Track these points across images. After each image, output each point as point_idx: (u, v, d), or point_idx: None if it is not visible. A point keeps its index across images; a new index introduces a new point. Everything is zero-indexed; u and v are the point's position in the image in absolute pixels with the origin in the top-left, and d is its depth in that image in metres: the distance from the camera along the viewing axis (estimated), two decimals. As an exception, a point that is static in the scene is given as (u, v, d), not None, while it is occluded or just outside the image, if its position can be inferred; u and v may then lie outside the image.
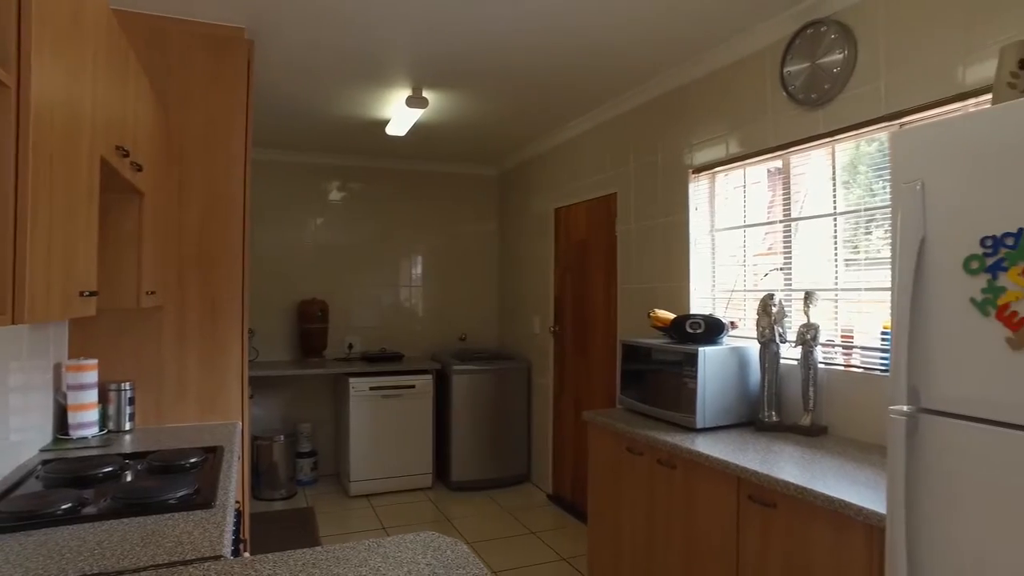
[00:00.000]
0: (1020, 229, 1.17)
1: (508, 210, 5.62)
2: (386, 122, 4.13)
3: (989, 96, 1.76)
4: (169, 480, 1.75)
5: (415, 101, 3.47)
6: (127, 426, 2.43)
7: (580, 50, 3.01)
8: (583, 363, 4.26)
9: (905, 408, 1.37)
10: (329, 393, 5.20)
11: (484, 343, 5.75)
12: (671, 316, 2.96)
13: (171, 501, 1.62)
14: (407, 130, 4.12)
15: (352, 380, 4.58)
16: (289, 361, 5.02)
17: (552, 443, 4.67)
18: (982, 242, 1.24)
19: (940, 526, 1.32)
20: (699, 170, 3.20)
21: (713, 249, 3.20)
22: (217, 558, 1.29)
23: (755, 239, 2.97)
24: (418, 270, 5.56)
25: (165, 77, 2.55)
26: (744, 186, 3.00)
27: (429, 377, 4.82)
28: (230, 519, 1.54)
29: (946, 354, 1.31)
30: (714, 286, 3.19)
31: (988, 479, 1.23)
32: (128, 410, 2.44)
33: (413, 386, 4.75)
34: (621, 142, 3.84)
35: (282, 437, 4.59)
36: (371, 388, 4.62)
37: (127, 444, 2.26)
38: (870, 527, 1.60)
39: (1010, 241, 1.18)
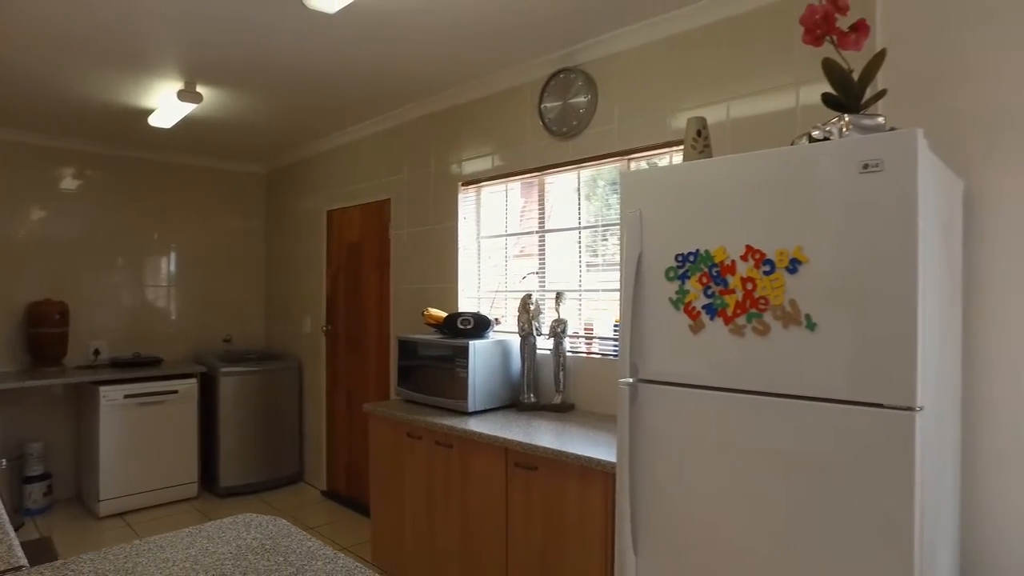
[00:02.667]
0: (696, 250, 1.68)
1: (276, 210, 5.51)
2: (149, 111, 3.84)
3: (684, 146, 2.35)
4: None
5: (188, 96, 3.32)
6: None
7: (362, 63, 3.18)
8: (357, 360, 4.42)
9: (629, 380, 1.84)
10: (69, 406, 4.62)
11: (251, 344, 5.56)
12: (443, 314, 3.29)
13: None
14: (174, 123, 3.88)
15: (103, 389, 4.16)
16: (14, 372, 4.37)
17: (326, 440, 4.74)
18: (676, 258, 1.74)
19: (652, 466, 1.80)
20: (468, 182, 3.57)
21: (479, 254, 3.60)
22: (19, 568, 1.26)
23: (515, 245, 3.43)
24: (174, 269, 5.19)
25: None
26: (506, 194, 3.44)
27: (193, 381, 4.56)
28: (11, 531, 1.47)
29: (654, 338, 1.79)
30: (480, 287, 3.59)
31: (677, 426, 1.73)
32: None
33: (176, 391, 4.46)
34: (397, 151, 4.08)
35: (3, 461, 4.00)
36: (126, 396, 4.24)
37: None
38: (606, 475, 2.08)
39: (692, 258, 1.69)
